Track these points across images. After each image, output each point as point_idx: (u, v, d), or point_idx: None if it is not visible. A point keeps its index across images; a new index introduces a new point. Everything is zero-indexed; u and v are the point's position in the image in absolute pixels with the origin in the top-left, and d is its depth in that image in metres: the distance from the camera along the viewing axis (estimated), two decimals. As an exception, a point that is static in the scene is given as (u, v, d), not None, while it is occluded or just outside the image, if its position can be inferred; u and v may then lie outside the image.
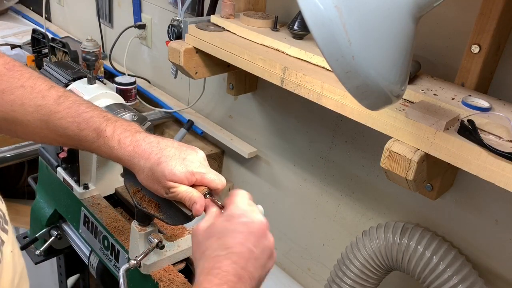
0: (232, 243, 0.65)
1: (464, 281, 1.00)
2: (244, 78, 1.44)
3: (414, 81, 0.97)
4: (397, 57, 0.62)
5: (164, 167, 0.75)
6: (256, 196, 1.62)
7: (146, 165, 0.76)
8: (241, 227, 0.67)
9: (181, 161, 0.76)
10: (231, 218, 0.68)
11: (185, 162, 0.76)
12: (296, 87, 1.03)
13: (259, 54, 1.10)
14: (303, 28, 1.14)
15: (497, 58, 0.93)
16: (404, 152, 0.85)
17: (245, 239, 0.65)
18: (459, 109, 0.86)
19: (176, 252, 0.91)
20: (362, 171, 1.27)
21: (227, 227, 0.67)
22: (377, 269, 1.13)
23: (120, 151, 0.77)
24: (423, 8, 0.61)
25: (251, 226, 0.67)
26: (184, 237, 0.94)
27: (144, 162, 0.76)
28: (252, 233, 0.67)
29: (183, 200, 0.76)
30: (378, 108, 0.69)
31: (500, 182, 0.76)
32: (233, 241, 0.65)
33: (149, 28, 1.90)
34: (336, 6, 0.54)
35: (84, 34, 2.18)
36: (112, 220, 1.04)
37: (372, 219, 1.28)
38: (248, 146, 1.58)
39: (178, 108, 1.78)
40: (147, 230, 0.86)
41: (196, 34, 1.25)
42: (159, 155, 0.76)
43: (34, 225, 1.29)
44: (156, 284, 0.87)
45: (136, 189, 0.85)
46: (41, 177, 1.28)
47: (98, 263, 1.12)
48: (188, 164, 0.76)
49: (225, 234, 0.66)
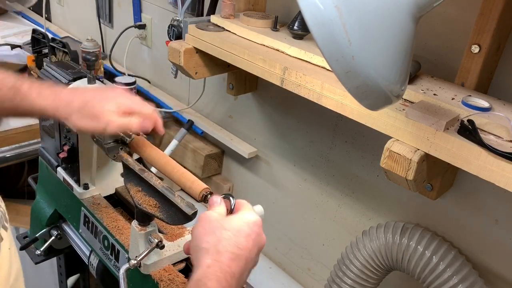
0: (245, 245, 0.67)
1: (464, 281, 1.00)
2: (244, 78, 1.44)
3: (414, 81, 0.97)
4: (397, 57, 0.62)
5: (93, 105, 0.79)
6: (256, 196, 1.62)
7: (73, 109, 0.80)
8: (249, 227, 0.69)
9: (106, 100, 0.81)
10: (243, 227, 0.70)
11: (109, 99, 0.81)
12: (296, 87, 1.03)
13: (259, 54, 1.10)
14: (303, 28, 1.14)
15: (497, 58, 0.93)
16: (404, 152, 0.85)
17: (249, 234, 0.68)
18: (459, 109, 0.86)
19: (176, 252, 0.91)
20: (362, 171, 1.27)
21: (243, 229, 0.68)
22: (377, 269, 1.13)
23: (42, 101, 0.80)
24: (423, 8, 0.61)
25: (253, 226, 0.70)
26: (184, 237, 0.94)
27: (70, 107, 0.80)
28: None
29: (122, 129, 0.81)
30: (378, 108, 0.69)
31: (500, 182, 0.76)
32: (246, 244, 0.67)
33: (149, 28, 1.90)
34: (336, 6, 0.54)
35: (84, 34, 2.18)
36: (112, 220, 1.04)
37: (372, 219, 1.28)
38: (248, 146, 1.58)
39: (178, 108, 1.78)
40: (147, 230, 0.86)
41: (196, 34, 1.25)
42: (82, 97, 0.80)
43: (34, 225, 1.29)
44: (156, 284, 0.87)
45: (136, 189, 0.85)
46: (41, 177, 1.28)
47: (98, 263, 1.12)
48: (115, 99, 0.81)
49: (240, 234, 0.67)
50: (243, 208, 0.73)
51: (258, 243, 0.68)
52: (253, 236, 0.67)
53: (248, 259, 0.65)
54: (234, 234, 0.66)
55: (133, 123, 0.83)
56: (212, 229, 0.67)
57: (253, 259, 0.67)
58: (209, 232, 0.66)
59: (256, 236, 0.68)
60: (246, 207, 0.73)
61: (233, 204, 0.74)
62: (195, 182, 0.82)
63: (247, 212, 0.71)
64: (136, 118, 0.83)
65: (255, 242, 0.67)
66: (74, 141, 1.07)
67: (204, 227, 0.68)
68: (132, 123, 0.83)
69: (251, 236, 0.67)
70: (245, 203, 0.74)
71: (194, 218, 0.78)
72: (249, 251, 0.66)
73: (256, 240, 0.67)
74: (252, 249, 0.66)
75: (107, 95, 0.83)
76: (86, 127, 0.81)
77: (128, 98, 0.84)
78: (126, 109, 0.82)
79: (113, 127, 0.81)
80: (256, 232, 0.68)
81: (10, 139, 1.68)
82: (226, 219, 0.69)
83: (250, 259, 0.66)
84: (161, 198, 0.82)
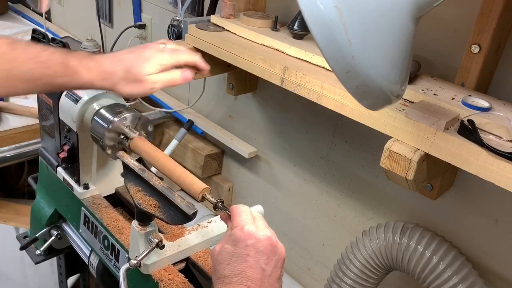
0: (243, 267, 0.64)
1: (464, 281, 1.00)
2: (244, 78, 1.44)
3: (414, 81, 0.97)
4: (397, 57, 0.62)
5: (135, 69, 0.82)
6: (256, 196, 1.62)
7: (118, 78, 0.83)
8: (249, 249, 0.66)
9: (145, 62, 0.83)
10: (237, 242, 0.67)
11: (148, 60, 0.83)
12: (296, 87, 1.03)
13: (259, 54, 1.10)
14: (303, 28, 1.14)
15: (497, 58, 0.94)
16: (404, 152, 0.85)
17: (255, 261, 0.65)
18: (459, 109, 0.86)
19: (176, 252, 0.91)
20: (362, 171, 1.27)
21: (235, 252, 0.66)
22: (377, 269, 1.13)
23: (90, 75, 0.82)
24: (423, 8, 0.61)
25: (259, 245, 0.67)
26: (184, 237, 0.94)
27: (115, 77, 0.83)
28: (261, 252, 0.66)
29: (166, 85, 0.84)
30: (378, 108, 0.69)
31: (500, 182, 0.76)
32: (243, 265, 0.64)
33: (149, 28, 1.90)
34: (336, 6, 0.54)
35: (84, 34, 2.18)
36: (112, 220, 1.04)
37: (372, 219, 1.28)
38: (248, 146, 1.58)
39: (178, 108, 1.78)
40: (147, 230, 0.86)
41: (196, 34, 1.25)
42: (123, 64, 0.83)
43: (34, 225, 1.29)
44: (156, 284, 0.87)
45: (136, 189, 0.85)
46: (41, 177, 1.28)
47: (98, 263, 1.12)
48: (152, 58, 0.83)
49: (234, 260, 0.65)
50: (235, 224, 0.70)
51: (257, 248, 0.66)
52: (247, 252, 0.66)
53: (256, 272, 0.64)
54: (228, 263, 0.65)
55: (176, 77, 0.86)
56: (213, 268, 0.68)
57: (265, 266, 0.65)
58: (214, 274, 0.67)
59: (249, 249, 0.66)
60: (236, 221, 0.71)
61: (228, 212, 0.74)
62: (195, 182, 0.82)
63: (236, 230, 0.69)
64: (177, 71, 0.86)
65: (253, 254, 0.65)
66: (74, 141, 1.07)
67: (212, 267, 0.69)
68: (175, 78, 0.86)
69: (245, 254, 0.65)
70: (234, 213, 0.73)
71: (194, 218, 0.79)
72: (252, 266, 0.64)
73: (252, 254, 0.66)
74: (254, 264, 0.64)
75: (145, 55, 0.84)
76: (133, 92, 0.85)
77: (164, 52, 0.86)
78: (166, 66, 0.84)
79: (157, 87, 0.84)
80: (248, 245, 0.66)
81: (10, 139, 1.68)
82: (221, 250, 0.68)
83: (259, 270, 0.64)
84: (161, 198, 0.82)
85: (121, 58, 0.84)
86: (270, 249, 0.67)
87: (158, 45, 0.89)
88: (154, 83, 0.83)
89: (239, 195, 1.70)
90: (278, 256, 0.68)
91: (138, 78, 0.82)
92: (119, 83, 0.83)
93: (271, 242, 0.68)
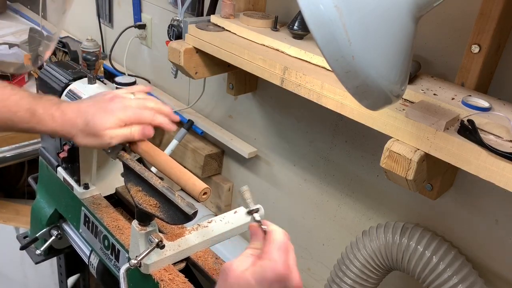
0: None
1: (464, 281, 1.00)
2: (244, 78, 1.44)
3: (414, 81, 0.97)
4: (397, 57, 0.62)
5: (94, 123, 0.84)
6: (256, 196, 1.62)
7: (77, 129, 0.85)
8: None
9: (107, 115, 0.84)
10: (262, 280, 0.62)
11: (109, 114, 0.85)
12: (296, 87, 1.03)
13: (259, 54, 1.10)
14: (303, 28, 1.14)
15: (497, 58, 0.94)
16: (404, 152, 0.85)
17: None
18: (459, 109, 0.86)
19: (176, 252, 0.91)
20: (362, 171, 1.27)
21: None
22: (377, 269, 1.13)
23: (54, 124, 0.85)
24: (423, 8, 0.61)
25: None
26: (184, 236, 0.94)
27: (75, 128, 0.85)
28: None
29: (124, 140, 0.86)
30: (378, 108, 0.69)
31: (500, 182, 0.76)
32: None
33: (149, 28, 1.90)
34: (336, 6, 0.55)
35: (84, 34, 2.18)
36: (113, 219, 1.04)
37: (372, 219, 1.28)
38: (248, 146, 1.58)
39: (178, 108, 1.78)
40: (147, 230, 0.86)
41: (196, 34, 1.25)
42: (84, 116, 0.85)
43: (34, 225, 1.29)
44: (157, 284, 0.87)
45: (136, 189, 0.85)
46: (41, 177, 1.28)
47: (98, 263, 1.12)
48: (115, 113, 0.85)
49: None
50: (267, 253, 0.66)
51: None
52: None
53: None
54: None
55: (134, 132, 0.87)
56: (226, 283, 0.64)
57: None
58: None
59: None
60: (268, 250, 0.67)
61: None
62: (195, 182, 0.82)
63: (266, 262, 0.65)
64: (137, 127, 0.87)
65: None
66: (74, 141, 1.07)
67: (221, 280, 0.65)
68: (133, 133, 0.87)
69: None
70: (269, 240, 0.68)
71: (194, 218, 0.79)
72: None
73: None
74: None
75: (108, 108, 0.86)
76: (90, 144, 0.86)
77: (128, 109, 0.87)
78: (126, 121, 0.86)
79: (115, 141, 0.86)
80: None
81: (10, 139, 1.68)
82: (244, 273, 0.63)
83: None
84: (161, 198, 0.82)
85: (84, 110, 0.86)
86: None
87: (126, 96, 0.90)
88: (111, 138, 0.85)
89: (239, 195, 1.70)
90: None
91: (96, 132, 0.84)
92: (77, 135, 0.86)
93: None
